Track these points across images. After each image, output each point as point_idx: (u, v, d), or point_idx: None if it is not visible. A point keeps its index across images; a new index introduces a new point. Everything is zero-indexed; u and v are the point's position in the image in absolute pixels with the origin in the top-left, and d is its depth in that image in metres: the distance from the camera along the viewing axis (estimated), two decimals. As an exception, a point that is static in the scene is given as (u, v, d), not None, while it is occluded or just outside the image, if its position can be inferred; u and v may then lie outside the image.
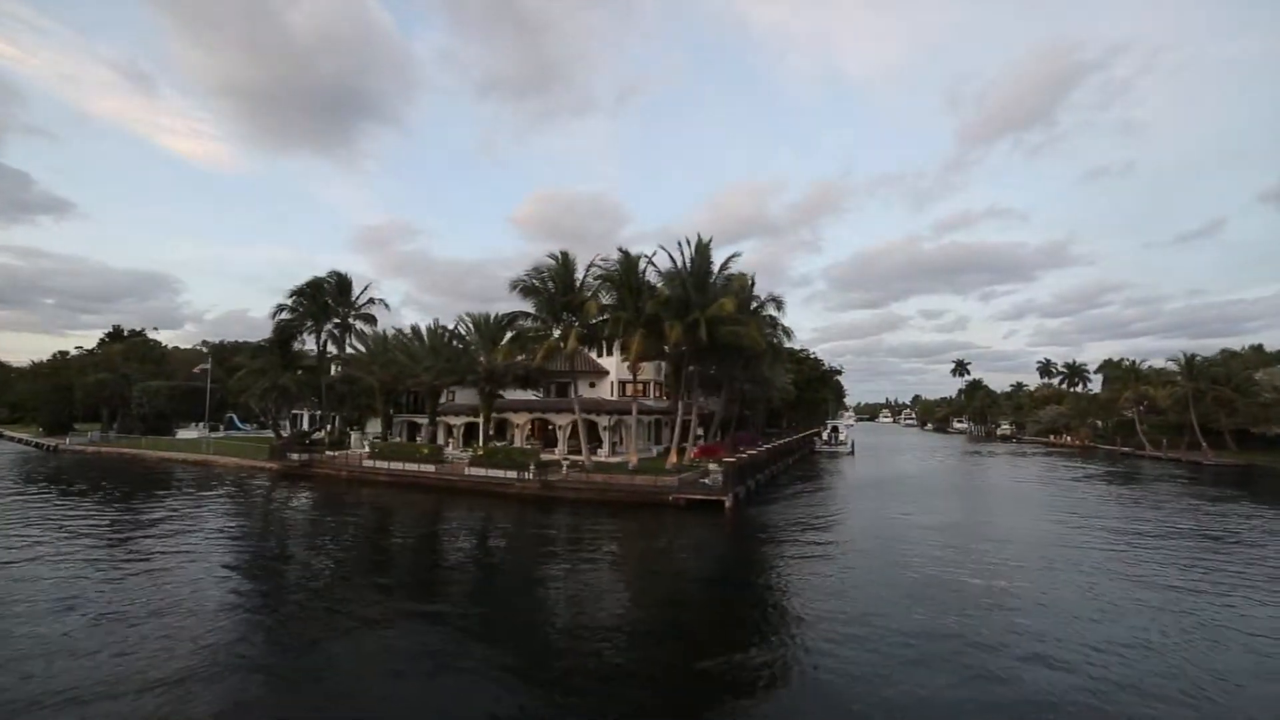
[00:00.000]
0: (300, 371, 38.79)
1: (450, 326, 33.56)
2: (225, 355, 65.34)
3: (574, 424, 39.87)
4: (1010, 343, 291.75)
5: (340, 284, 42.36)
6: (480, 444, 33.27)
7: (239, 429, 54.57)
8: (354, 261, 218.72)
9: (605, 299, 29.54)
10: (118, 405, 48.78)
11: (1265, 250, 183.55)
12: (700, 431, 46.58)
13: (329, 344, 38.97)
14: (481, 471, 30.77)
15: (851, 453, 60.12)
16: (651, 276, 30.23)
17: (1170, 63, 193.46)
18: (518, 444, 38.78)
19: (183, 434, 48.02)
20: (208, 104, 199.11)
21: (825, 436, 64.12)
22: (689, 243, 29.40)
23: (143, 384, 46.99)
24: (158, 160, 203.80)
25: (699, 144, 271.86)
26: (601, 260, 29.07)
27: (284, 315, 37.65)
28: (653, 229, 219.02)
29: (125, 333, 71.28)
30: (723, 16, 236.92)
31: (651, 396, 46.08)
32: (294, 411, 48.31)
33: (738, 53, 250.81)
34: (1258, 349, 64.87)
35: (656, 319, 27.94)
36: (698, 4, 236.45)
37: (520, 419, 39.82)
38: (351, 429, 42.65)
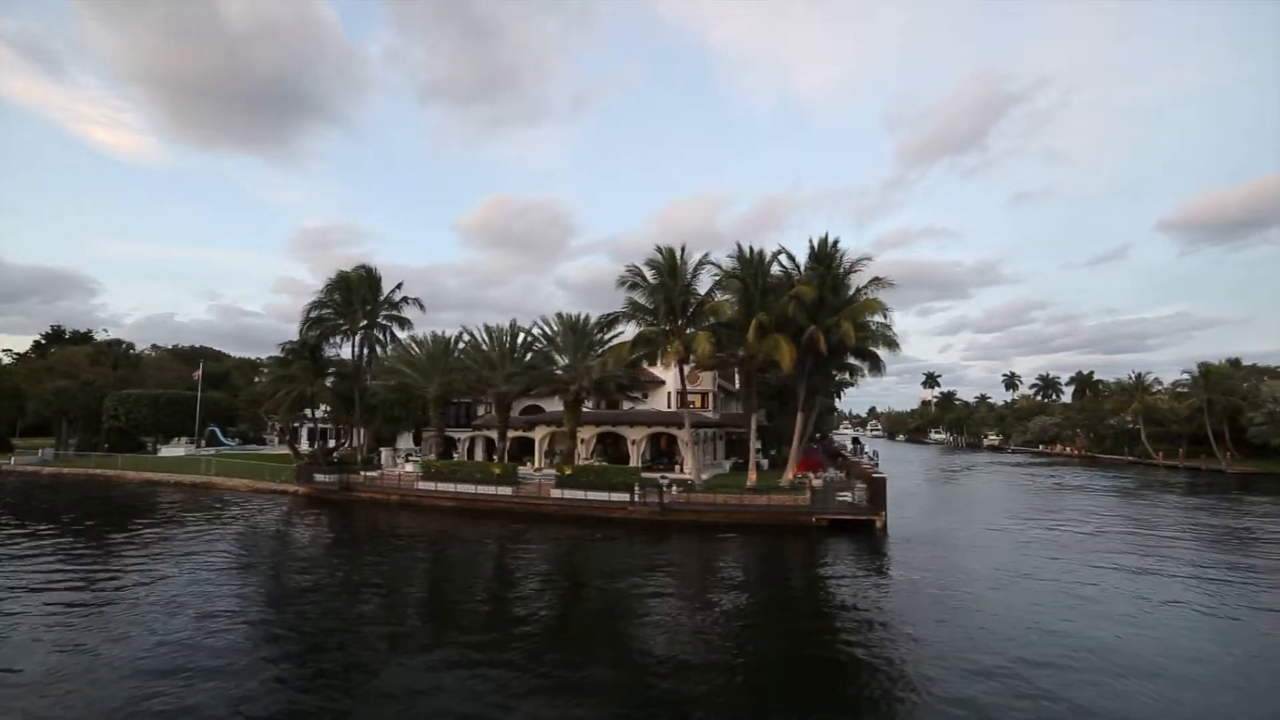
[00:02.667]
0: (331, 379, 33.63)
1: (528, 329, 29.69)
2: (192, 360, 57.64)
3: (648, 438, 36.76)
4: (945, 356, 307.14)
5: (370, 280, 37.53)
6: (564, 460, 29.51)
7: (224, 444, 47.57)
8: (293, 266, 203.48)
9: (722, 298, 26.83)
10: (79, 417, 41.15)
11: (1164, 275, 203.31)
12: (758, 445, 44.22)
13: (365, 348, 34.03)
14: (579, 494, 27.05)
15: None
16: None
17: (1084, 100, 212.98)
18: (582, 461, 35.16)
19: (166, 450, 40.99)
20: (128, 92, 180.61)
21: (850, 448, 63.28)
22: (812, 240, 27.18)
23: (118, 393, 39.76)
24: (71, 149, 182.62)
25: (652, 156, 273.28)
26: (729, 256, 26.32)
27: (319, 312, 32.53)
28: (603, 238, 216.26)
29: (66, 334, 61.71)
30: (678, 32, 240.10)
31: (711, 408, 43.34)
32: (295, 425, 42.48)
33: (692, 68, 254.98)
34: (1235, 362, 69.11)
35: (790, 322, 25.41)
36: (654, 19, 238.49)
37: (586, 433, 36.13)
38: (382, 445, 37.59)
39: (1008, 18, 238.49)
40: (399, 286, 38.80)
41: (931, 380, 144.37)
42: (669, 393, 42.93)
